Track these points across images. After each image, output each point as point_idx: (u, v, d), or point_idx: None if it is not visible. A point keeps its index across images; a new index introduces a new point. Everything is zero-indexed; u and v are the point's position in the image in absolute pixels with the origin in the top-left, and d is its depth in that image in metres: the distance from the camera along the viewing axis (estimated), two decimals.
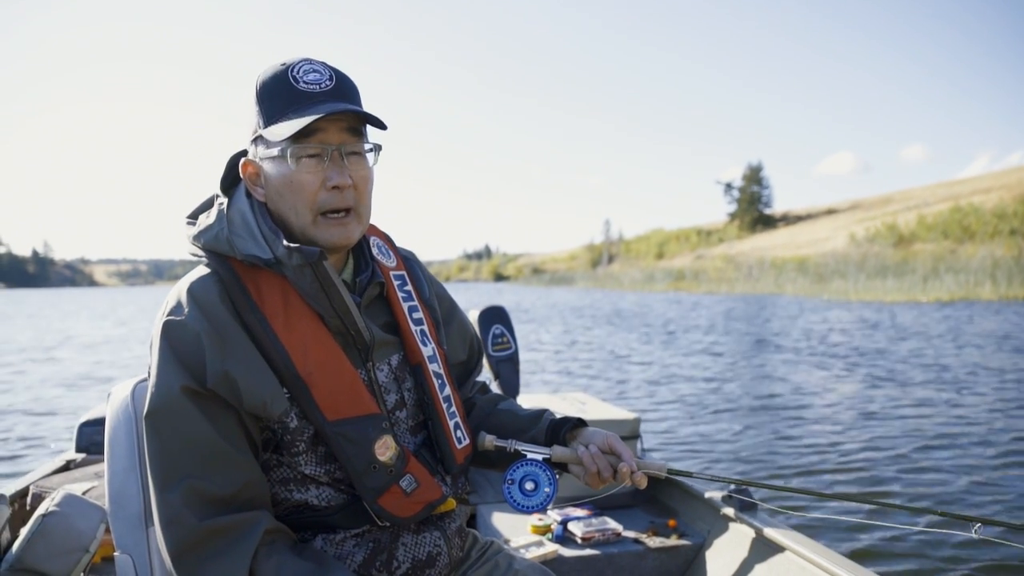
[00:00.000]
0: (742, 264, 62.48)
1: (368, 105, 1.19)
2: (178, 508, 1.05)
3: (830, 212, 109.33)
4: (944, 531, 1.45)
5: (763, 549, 2.30)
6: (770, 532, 2.27)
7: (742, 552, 2.38)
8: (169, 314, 1.10)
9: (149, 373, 1.11)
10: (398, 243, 1.43)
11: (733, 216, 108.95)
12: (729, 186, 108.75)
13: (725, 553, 2.44)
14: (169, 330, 1.09)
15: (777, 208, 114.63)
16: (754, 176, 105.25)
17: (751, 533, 2.39)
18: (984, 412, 7.41)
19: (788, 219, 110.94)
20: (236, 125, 1.39)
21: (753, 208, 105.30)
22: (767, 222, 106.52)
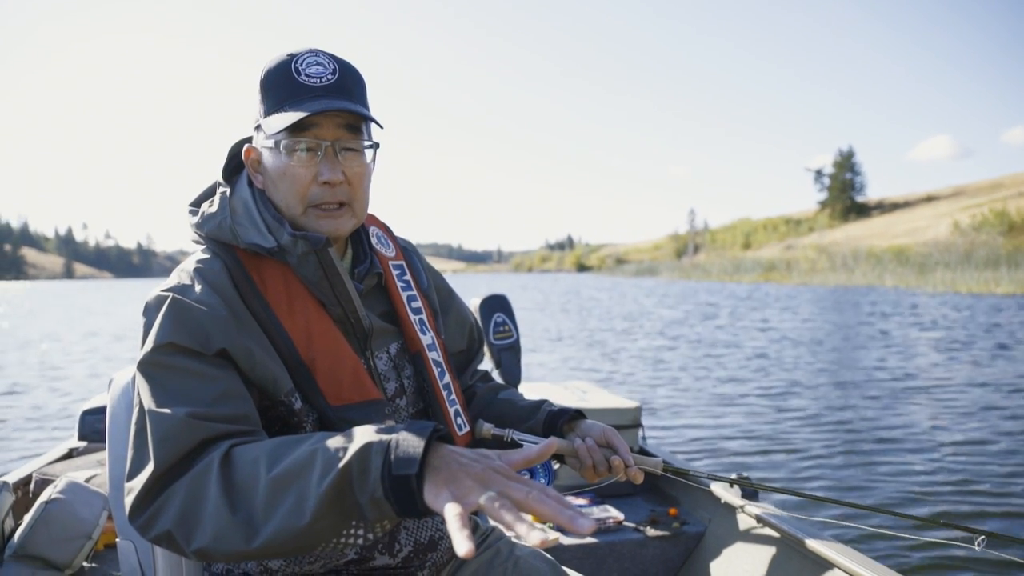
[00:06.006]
0: (835, 254, 60.28)
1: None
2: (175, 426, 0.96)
3: (929, 199, 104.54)
4: (948, 542, 1.50)
5: (764, 538, 2.31)
6: (771, 521, 2.28)
7: (743, 541, 2.40)
8: (175, 292, 1.06)
9: (144, 341, 1.04)
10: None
11: (824, 204, 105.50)
12: (819, 173, 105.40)
13: (726, 542, 2.47)
14: (176, 303, 1.05)
15: (871, 195, 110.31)
16: (845, 162, 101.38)
17: (752, 522, 2.40)
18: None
19: (883, 207, 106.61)
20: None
21: (845, 196, 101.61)
22: (860, 210, 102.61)
